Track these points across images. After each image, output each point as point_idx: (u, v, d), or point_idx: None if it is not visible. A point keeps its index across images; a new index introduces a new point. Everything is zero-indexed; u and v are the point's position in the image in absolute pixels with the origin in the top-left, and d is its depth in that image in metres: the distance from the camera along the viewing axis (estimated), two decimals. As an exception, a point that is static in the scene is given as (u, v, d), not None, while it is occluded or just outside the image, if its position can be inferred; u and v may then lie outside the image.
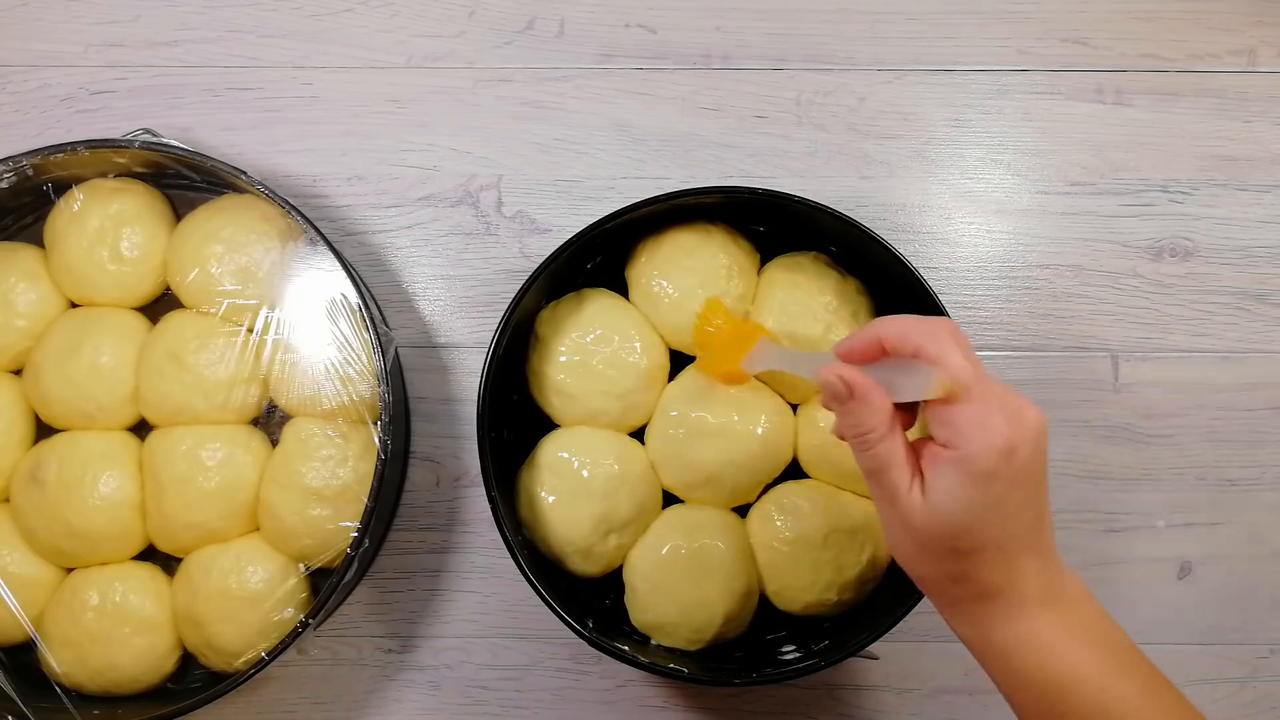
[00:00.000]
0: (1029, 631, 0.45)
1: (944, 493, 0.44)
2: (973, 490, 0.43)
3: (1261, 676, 0.70)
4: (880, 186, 0.73)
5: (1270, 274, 0.73)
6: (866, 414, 0.45)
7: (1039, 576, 0.45)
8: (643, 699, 0.70)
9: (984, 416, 0.43)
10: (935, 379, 0.43)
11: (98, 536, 0.63)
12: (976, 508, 0.43)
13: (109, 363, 0.64)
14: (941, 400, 0.44)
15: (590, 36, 0.74)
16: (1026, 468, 0.43)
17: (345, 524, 0.62)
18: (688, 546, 0.63)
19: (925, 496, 0.44)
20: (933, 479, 0.44)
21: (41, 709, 0.62)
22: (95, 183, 0.67)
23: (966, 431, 0.43)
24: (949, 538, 0.44)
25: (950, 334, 0.45)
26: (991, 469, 0.43)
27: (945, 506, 0.44)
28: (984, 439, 0.43)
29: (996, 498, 0.43)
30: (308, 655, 0.70)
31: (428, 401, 0.72)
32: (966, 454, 0.43)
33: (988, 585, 0.45)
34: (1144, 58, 0.74)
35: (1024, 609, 0.45)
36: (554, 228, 0.73)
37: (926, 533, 0.45)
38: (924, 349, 0.44)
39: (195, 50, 0.74)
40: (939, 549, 0.45)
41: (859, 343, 0.47)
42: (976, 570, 0.45)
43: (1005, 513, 0.44)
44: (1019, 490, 0.44)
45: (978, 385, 0.44)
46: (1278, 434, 0.72)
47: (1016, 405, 0.44)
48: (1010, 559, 0.45)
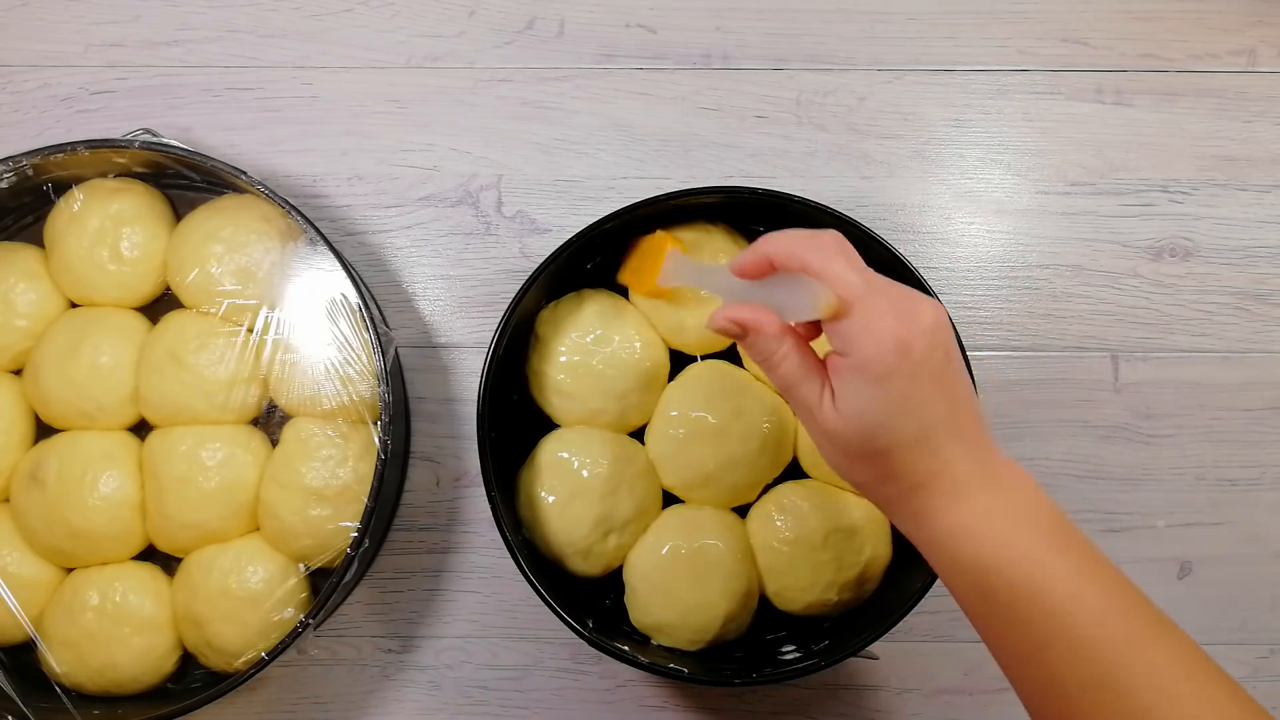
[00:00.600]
0: (960, 516, 0.46)
1: (850, 399, 0.45)
2: (875, 391, 0.44)
3: (1261, 676, 0.70)
4: (880, 186, 0.73)
5: (1270, 274, 0.73)
6: (764, 342, 0.47)
7: (966, 464, 0.46)
8: (643, 699, 0.70)
9: (871, 321, 0.44)
10: (821, 298, 0.45)
11: (98, 536, 0.63)
12: (883, 408, 0.45)
13: (109, 363, 0.64)
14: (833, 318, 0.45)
15: (590, 36, 0.74)
16: (926, 361, 0.44)
17: (345, 524, 0.62)
18: (688, 546, 0.63)
19: (836, 405, 0.46)
20: (839, 387, 0.46)
21: (41, 709, 0.62)
22: (95, 183, 0.67)
23: (857, 339, 0.44)
24: (866, 439, 0.45)
25: (834, 247, 0.46)
26: (888, 369, 0.44)
27: (854, 410, 0.45)
28: (874, 343, 0.44)
29: (901, 394, 0.44)
30: (308, 655, 0.70)
31: (428, 401, 0.72)
32: (860, 360, 0.44)
33: (914, 477, 0.46)
34: (1144, 58, 0.74)
35: (955, 497, 0.46)
36: (554, 228, 0.73)
37: (843, 437, 0.46)
38: (809, 264, 0.46)
39: (195, 50, 0.74)
40: (860, 451, 0.46)
41: (749, 261, 0.48)
42: (900, 465, 0.46)
43: (913, 407, 0.45)
44: (922, 384, 0.44)
45: (865, 293, 0.45)
46: (1278, 434, 0.72)
47: (909, 304, 0.45)
48: (932, 450, 0.45)
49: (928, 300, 0.46)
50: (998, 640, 0.45)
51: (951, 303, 0.72)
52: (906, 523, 0.48)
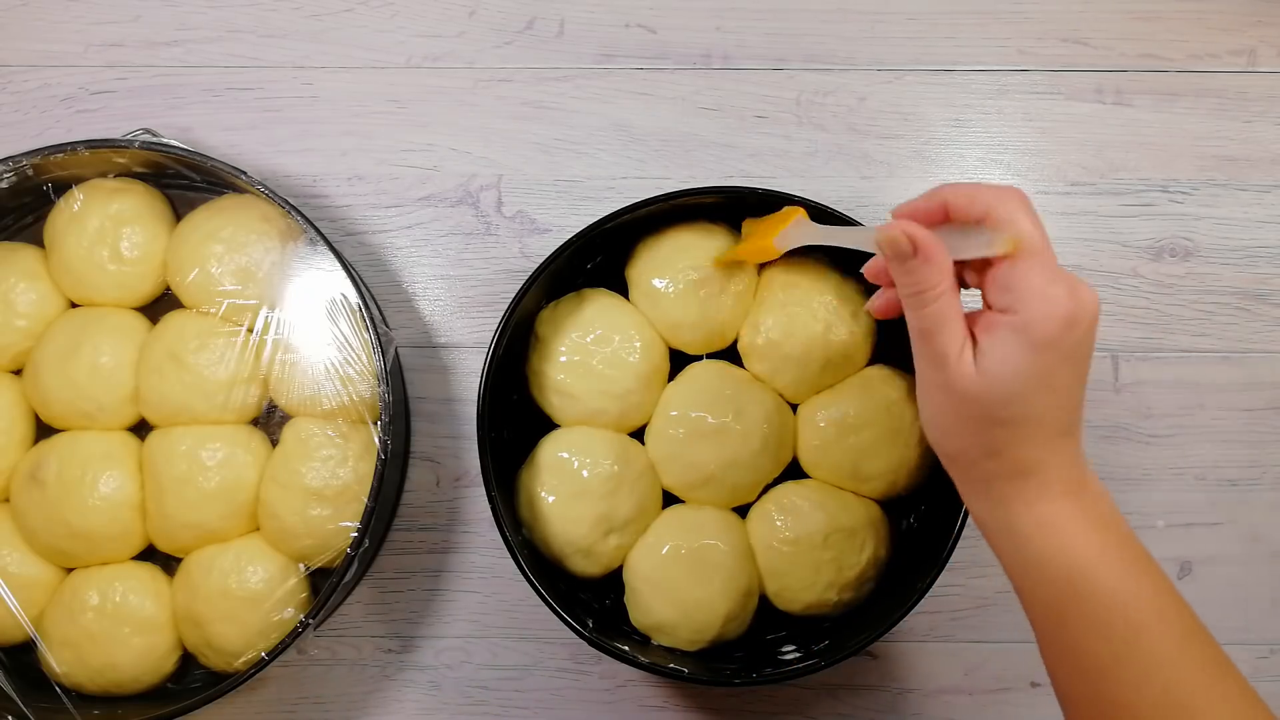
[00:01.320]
0: (1053, 515, 0.44)
1: (998, 358, 0.43)
2: (1029, 357, 0.42)
3: (1261, 676, 0.70)
4: (880, 186, 0.73)
5: (1270, 274, 0.73)
6: (928, 270, 0.44)
7: (1070, 462, 0.45)
8: (643, 699, 0.70)
9: (1047, 284, 0.42)
10: (1000, 237, 0.43)
11: (98, 536, 0.63)
12: (1029, 376, 0.42)
13: (109, 363, 0.64)
14: (1006, 259, 0.43)
15: (590, 36, 0.74)
16: (1082, 344, 0.43)
17: (345, 524, 0.62)
18: (688, 546, 0.63)
19: (977, 362, 0.43)
20: (987, 344, 0.43)
21: (41, 709, 0.62)
22: (95, 183, 0.67)
23: (1028, 297, 0.42)
24: (997, 405, 0.43)
25: (1021, 198, 0.44)
26: (1050, 338, 0.42)
27: (997, 372, 0.43)
28: (1046, 306, 0.42)
29: (1049, 369, 0.42)
30: (308, 655, 0.70)
31: (428, 401, 0.72)
32: (1027, 319, 0.42)
33: (1022, 462, 0.44)
34: (1144, 58, 0.74)
35: (1051, 492, 0.44)
36: (554, 228, 0.73)
37: (973, 399, 0.44)
38: (994, 211, 0.43)
39: (195, 50, 0.74)
40: (982, 418, 0.44)
41: (922, 205, 0.46)
42: (1015, 444, 0.44)
43: (1054, 387, 0.43)
44: (1071, 366, 0.43)
45: (1045, 251, 0.43)
46: (1278, 434, 0.72)
47: (1077, 282, 0.43)
48: (1050, 438, 0.44)
49: (1089, 287, 0.44)
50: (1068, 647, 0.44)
51: (951, 303, 0.72)
52: (989, 504, 0.46)
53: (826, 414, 0.65)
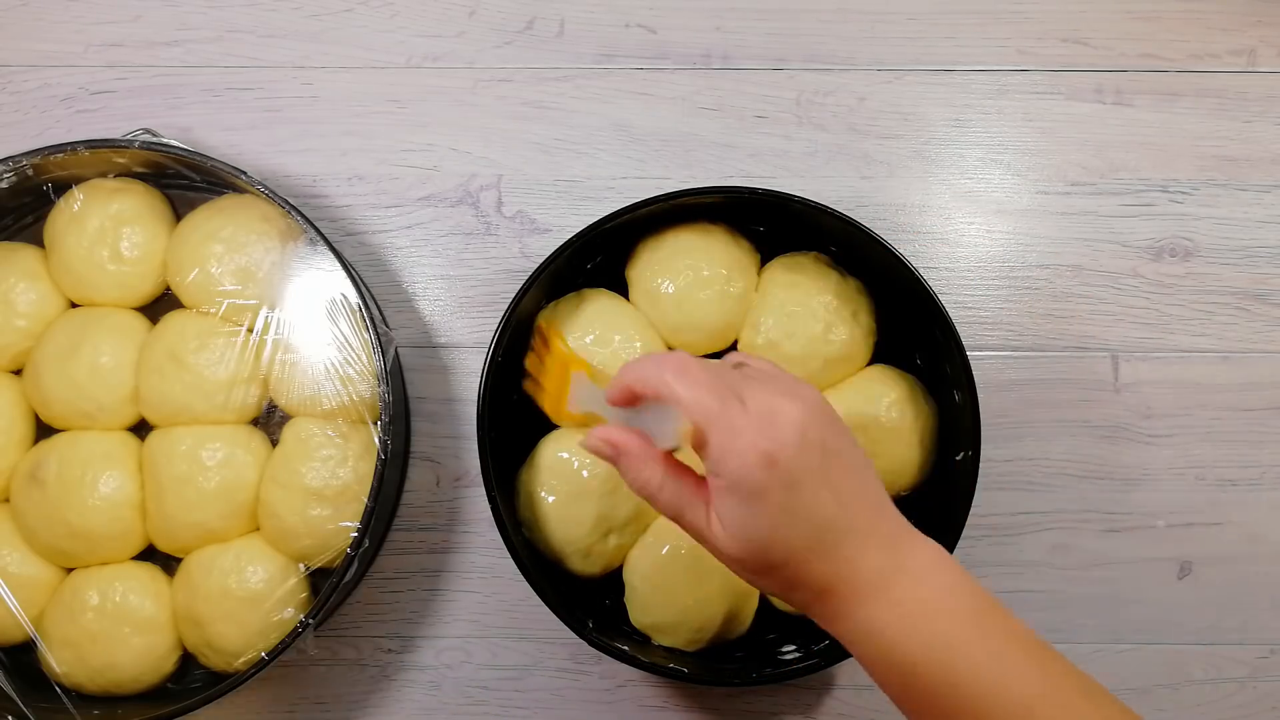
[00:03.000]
0: (873, 616, 0.45)
1: (731, 520, 0.44)
2: (752, 509, 0.43)
3: (1261, 676, 0.70)
4: (880, 186, 0.73)
5: (1270, 274, 0.73)
6: (636, 468, 0.46)
7: (871, 558, 0.45)
8: (643, 699, 0.70)
9: (730, 440, 0.43)
10: (678, 425, 0.44)
11: (98, 536, 0.63)
12: (766, 523, 0.44)
13: (109, 363, 0.64)
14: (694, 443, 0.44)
15: (590, 36, 0.74)
16: (799, 465, 0.43)
17: (345, 524, 0.62)
18: (688, 546, 0.63)
19: (721, 526, 0.45)
20: (719, 509, 0.45)
21: (41, 709, 0.62)
22: (95, 183, 0.67)
23: (722, 461, 0.43)
24: (759, 555, 0.44)
25: (676, 372, 0.44)
26: (758, 486, 0.43)
27: (738, 531, 0.44)
28: (738, 462, 0.43)
29: (780, 506, 0.43)
30: (308, 655, 0.70)
31: (428, 401, 0.72)
32: (730, 481, 0.43)
33: (819, 583, 0.45)
34: (1144, 58, 0.74)
35: (864, 595, 0.45)
36: (554, 228, 0.73)
37: (739, 558, 0.45)
38: (659, 391, 0.45)
39: (195, 50, 0.74)
40: (758, 567, 0.45)
41: (614, 390, 0.47)
42: (799, 574, 0.45)
43: (796, 516, 0.44)
44: (801, 490, 0.43)
45: (721, 411, 0.43)
46: (1278, 434, 0.72)
47: (769, 408, 0.43)
48: (829, 554, 0.44)
49: (790, 398, 0.44)
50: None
51: (951, 303, 0.72)
52: (825, 624, 0.47)
53: None
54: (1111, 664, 0.70)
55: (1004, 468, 0.71)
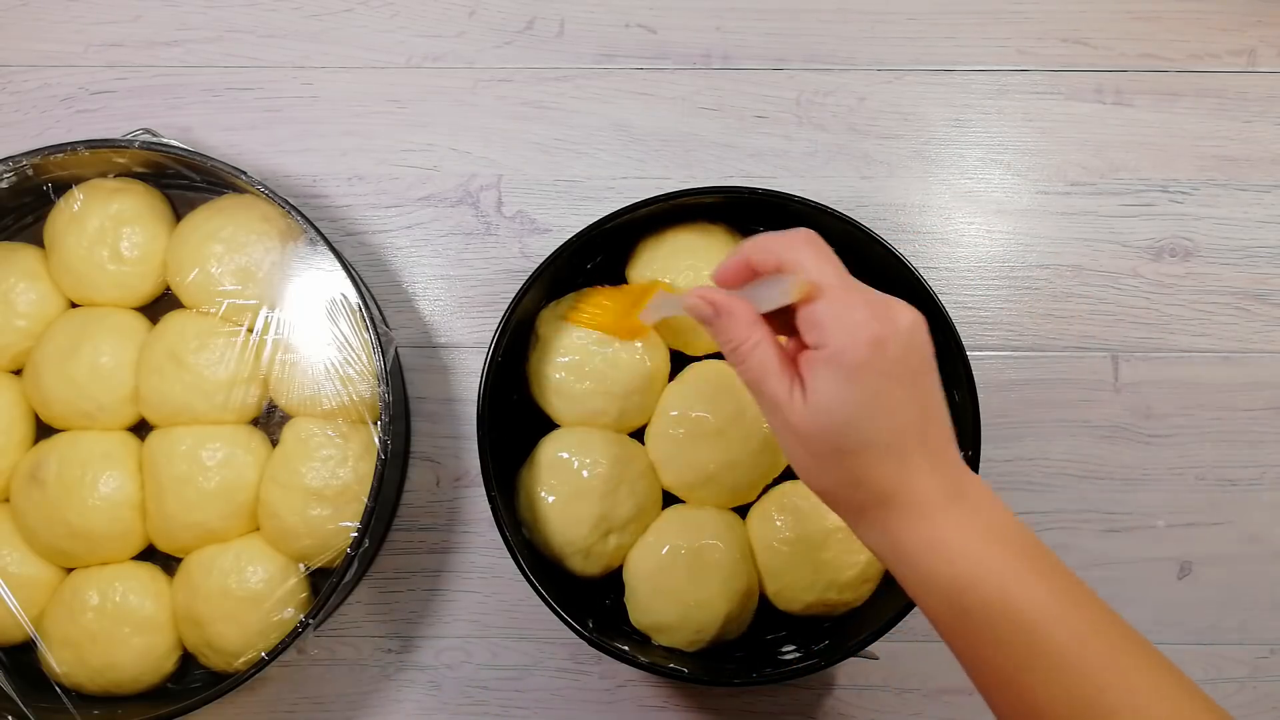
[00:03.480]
0: (933, 530, 0.44)
1: (821, 392, 0.44)
2: (847, 385, 0.43)
3: (1261, 676, 0.70)
4: (880, 186, 0.73)
5: (1270, 274, 0.73)
6: (734, 327, 0.46)
7: (935, 477, 0.45)
8: (643, 699, 0.70)
9: (846, 312, 0.44)
10: (792, 283, 0.45)
11: (98, 536, 0.63)
12: (854, 403, 0.44)
13: (109, 363, 0.64)
14: (804, 302, 0.45)
15: (590, 36, 0.74)
16: (901, 361, 0.44)
17: (345, 524, 0.62)
18: (688, 546, 0.63)
19: (805, 399, 0.45)
20: (810, 381, 0.44)
21: (41, 709, 0.62)
22: (95, 183, 0.67)
23: (831, 328, 0.44)
24: (835, 436, 0.44)
25: (806, 241, 0.46)
26: (861, 361, 0.43)
27: (824, 405, 0.44)
28: (848, 333, 0.43)
29: (873, 391, 0.43)
30: (308, 655, 0.70)
31: (428, 401, 0.72)
32: (834, 350, 0.43)
33: (882, 487, 0.45)
34: (1144, 58, 0.74)
35: (924, 510, 0.45)
36: (554, 228, 0.73)
37: (812, 436, 0.45)
38: (783, 258, 0.46)
39: (195, 50, 0.74)
40: (828, 451, 0.45)
41: (730, 265, 0.48)
42: (868, 471, 0.45)
43: (885, 408, 0.44)
44: (896, 385, 0.44)
45: (838, 285, 0.45)
46: (1278, 434, 0.72)
47: (884, 304, 0.45)
48: (901, 458, 0.44)
49: (905, 304, 0.45)
50: (974, 661, 0.44)
51: (951, 303, 0.72)
52: (874, 534, 0.46)
53: None
54: (1111, 664, 0.70)
55: (1004, 468, 0.71)
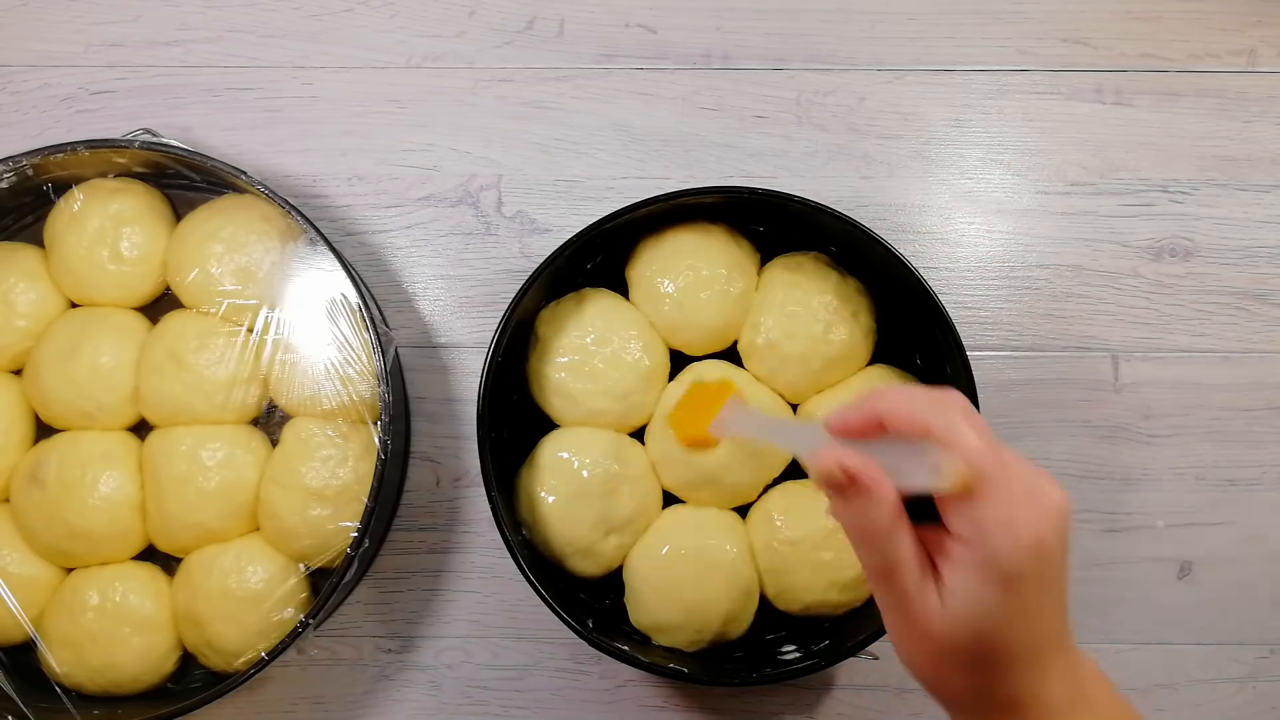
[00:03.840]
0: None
1: (965, 597, 0.39)
2: (999, 594, 0.38)
3: (1261, 676, 0.70)
4: (880, 186, 0.73)
5: (1270, 274, 0.73)
6: (871, 508, 0.39)
7: (1063, 680, 0.41)
8: (643, 699, 0.70)
9: (1009, 509, 0.38)
10: (949, 468, 0.38)
11: (98, 536, 0.63)
12: (1003, 614, 0.39)
13: (109, 363, 0.64)
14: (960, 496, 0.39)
15: (590, 36, 0.74)
16: (1056, 560, 0.39)
17: (345, 524, 0.62)
18: (688, 546, 0.63)
19: (943, 600, 0.39)
20: (952, 581, 0.39)
21: (41, 709, 0.62)
22: (95, 183, 0.67)
23: (989, 528, 0.38)
24: (971, 644, 0.39)
25: (963, 412, 0.39)
26: (1017, 571, 0.38)
27: (967, 613, 0.39)
28: (1010, 536, 0.38)
29: (1025, 601, 0.38)
30: (308, 655, 0.70)
31: (428, 401, 0.72)
32: (990, 554, 0.38)
33: (1013, 697, 0.40)
34: (1144, 58, 0.74)
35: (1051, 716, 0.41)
36: (554, 228, 0.73)
37: (944, 639, 0.40)
38: (935, 431, 0.39)
39: (195, 50, 0.74)
40: (960, 659, 0.40)
41: (855, 419, 0.41)
42: (1001, 681, 0.40)
43: (1033, 616, 0.39)
44: (1046, 591, 0.39)
45: (998, 470, 0.38)
46: (1278, 434, 0.72)
47: (1036, 485, 0.39)
48: (1038, 667, 0.40)
49: (1051, 480, 0.39)
50: None
51: (951, 303, 0.72)
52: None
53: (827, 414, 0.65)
54: (1111, 664, 0.70)
55: (1004, 468, 0.71)
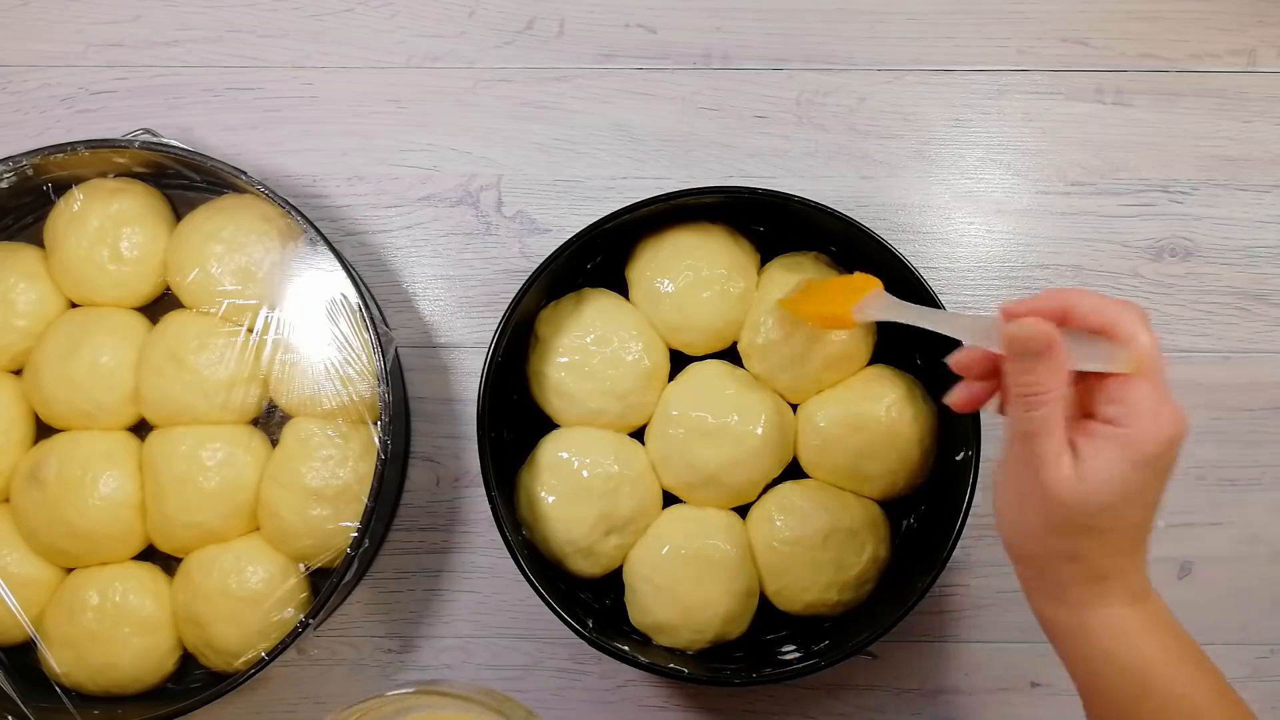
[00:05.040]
0: (1124, 619, 0.46)
1: (1099, 469, 0.44)
2: (1130, 471, 0.43)
3: (1261, 676, 0.70)
4: (880, 186, 0.73)
5: (1270, 274, 0.73)
6: (1048, 373, 0.44)
7: (1141, 570, 0.47)
8: (643, 699, 0.70)
9: (1158, 403, 0.43)
10: (1124, 354, 0.43)
11: (98, 536, 0.63)
12: (1126, 490, 0.44)
13: (109, 363, 0.64)
14: (1119, 376, 0.44)
15: (590, 36, 0.74)
16: (1173, 463, 0.45)
17: (345, 524, 0.62)
18: (688, 546, 0.63)
19: (1077, 470, 0.44)
20: (1089, 453, 0.44)
21: (41, 709, 0.62)
22: (95, 183, 0.67)
23: (1140, 414, 0.43)
24: (1089, 514, 0.44)
25: (1143, 316, 0.45)
26: (1154, 455, 0.43)
27: (1097, 482, 0.44)
28: (1155, 424, 0.43)
29: (1146, 484, 0.44)
30: (308, 655, 0.70)
31: (428, 401, 0.72)
32: (1135, 435, 0.43)
33: (1102, 569, 0.46)
34: (1144, 58, 0.74)
35: (1124, 597, 0.46)
36: (554, 228, 0.73)
37: (1066, 505, 0.44)
38: (1119, 325, 0.44)
39: (195, 50, 0.74)
40: (1070, 524, 0.45)
41: (1043, 304, 0.46)
42: (1098, 552, 0.45)
43: (1145, 502, 0.45)
44: (1160, 484, 0.45)
45: (1158, 370, 0.44)
46: (1278, 434, 0.72)
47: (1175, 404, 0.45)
48: (1130, 547, 0.46)
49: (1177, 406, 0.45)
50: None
51: (951, 303, 0.72)
52: (1059, 606, 0.48)
53: (826, 414, 0.65)
54: (1111, 664, 0.70)
55: (1004, 468, 0.71)
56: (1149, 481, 0.44)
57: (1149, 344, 0.44)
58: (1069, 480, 0.44)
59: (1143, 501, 0.45)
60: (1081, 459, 0.44)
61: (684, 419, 0.64)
